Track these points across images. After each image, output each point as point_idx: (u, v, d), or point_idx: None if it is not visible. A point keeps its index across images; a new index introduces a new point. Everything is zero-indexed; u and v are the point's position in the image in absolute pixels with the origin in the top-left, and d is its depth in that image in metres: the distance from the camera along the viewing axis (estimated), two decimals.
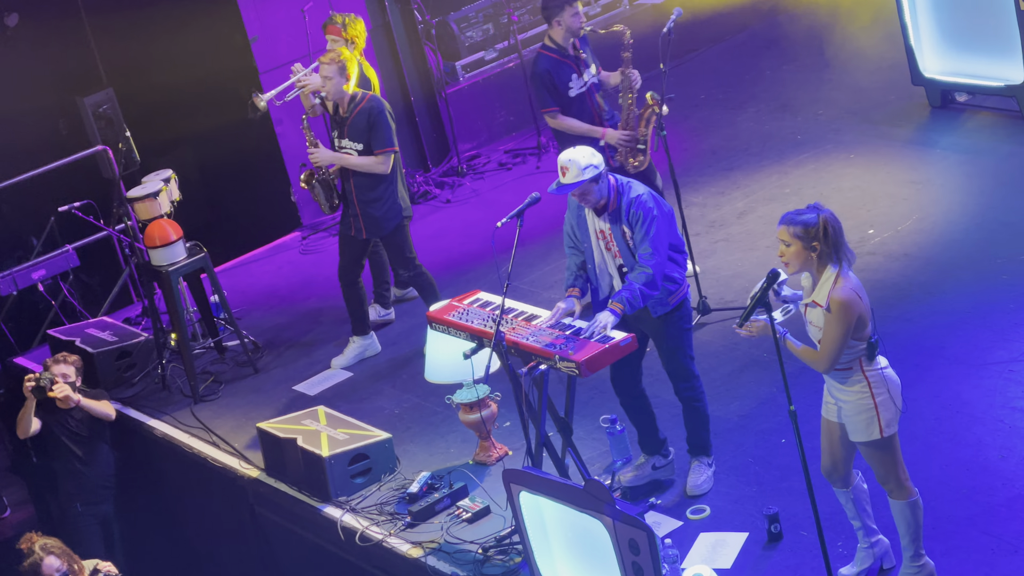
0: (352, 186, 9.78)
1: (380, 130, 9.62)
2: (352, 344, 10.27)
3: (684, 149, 12.34)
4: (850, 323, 6.42)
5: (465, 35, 13.61)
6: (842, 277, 6.47)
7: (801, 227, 6.47)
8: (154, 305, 10.67)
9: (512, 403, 8.04)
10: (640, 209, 7.53)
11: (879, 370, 6.57)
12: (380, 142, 9.64)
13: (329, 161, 9.79)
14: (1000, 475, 7.49)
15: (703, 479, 7.96)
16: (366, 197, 9.75)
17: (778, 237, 6.56)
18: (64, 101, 12.29)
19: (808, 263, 6.53)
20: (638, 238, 7.54)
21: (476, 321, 7.93)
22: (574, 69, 9.66)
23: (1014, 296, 9.03)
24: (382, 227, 9.83)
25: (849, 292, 6.43)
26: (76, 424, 9.81)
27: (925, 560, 6.78)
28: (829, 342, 6.47)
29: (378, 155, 9.65)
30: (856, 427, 6.63)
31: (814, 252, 6.48)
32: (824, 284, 6.50)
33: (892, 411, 6.59)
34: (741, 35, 14.60)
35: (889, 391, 6.58)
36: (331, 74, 9.57)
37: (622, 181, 7.67)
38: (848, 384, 6.59)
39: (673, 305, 7.69)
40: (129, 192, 11.03)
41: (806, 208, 6.54)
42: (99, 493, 9.94)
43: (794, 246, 6.51)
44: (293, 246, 12.83)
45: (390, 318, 10.68)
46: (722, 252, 10.50)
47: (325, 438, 8.74)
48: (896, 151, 11.34)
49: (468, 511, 8.18)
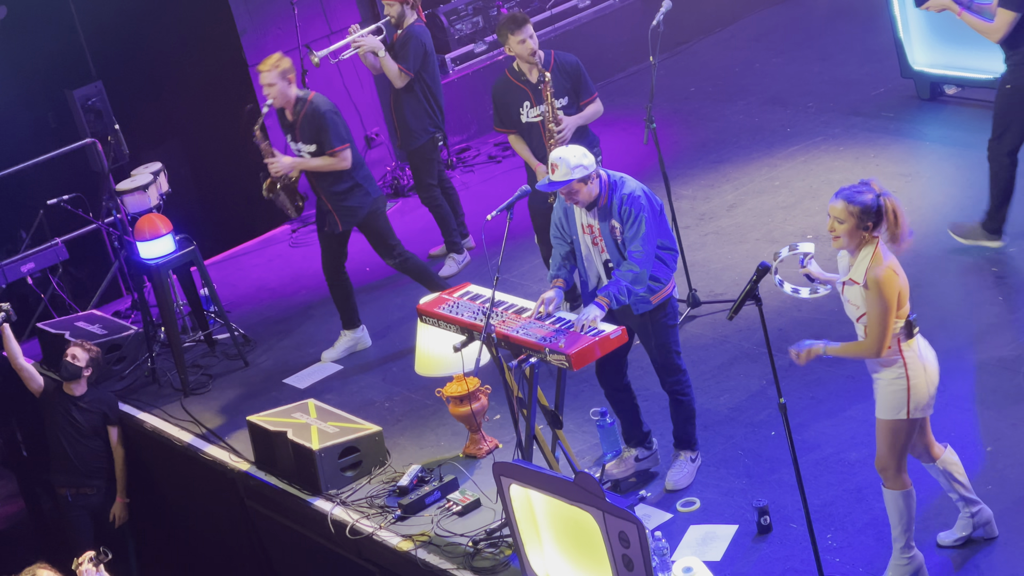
0: (318, 184, 9.80)
1: (327, 132, 9.59)
2: (342, 338, 10.27)
3: (674, 142, 12.34)
4: (891, 300, 6.38)
5: (455, 28, 13.58)
6: (881, 254, 6.45)
7: (860, 206, 6.44)
8: (144, 298, 10.66)
9: (502, 396, 8.06)
10: (633, 206, 7.52)
11: (917, 350, 6.53)
12: (330, 143, 9.61)
13: (289, 168, 9.79)
14: (989, 468, 7.51)
15: (683, 474, 7.97)
16: (334, 191, 9.75)
17: (830, 212, 6.50)
18: (53, 94, 12.26)
19: (857, 242, 6.49)
20: (628, 235, 7.53)
21: (466, 314, 7.94)
22: (528, 97, 9.50)
23: (1003, 289, 9.06)
24: (357, 215, 9.84)
25: (885, 269, 6.40)
26: (79, 413, 9.85)
27: (915, 552, 6.78)
28: (874, 322, 6.43)
29: (335, 154, 9.63)
30: (885, 403, 6.57)
31: (866, 232, 6.46)
32: (862, 262, 6.47)
33: (924, 396, 6.54)
34: (731, 28, 14.61)
35: (926, 373, 6.53)
36: (273, 80, 9.53)
37: (615, 177, 7.65)
38: (884, 363, 6.54)
39: (655, 304, 7.69)
40: (118, 185, 11.01)
41: (861, 185, 6.50)
42: (90, 483, 9.95)
43: (848, 223, 6.46)
44: (283, 239, 12.82)
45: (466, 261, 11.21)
46: (712, 245, 10.50)
47: (315, 431, 8.73)
48: (885, 144, 11.36)
49: (458, 504, 8.18)
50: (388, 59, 10.70)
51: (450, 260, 11.15)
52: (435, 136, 11.00)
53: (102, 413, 9.94)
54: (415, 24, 10.78)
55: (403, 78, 10.72)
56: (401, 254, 10.01)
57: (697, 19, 14.41)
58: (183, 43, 12.73)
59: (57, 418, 9.89)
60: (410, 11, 10.76)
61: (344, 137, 9.66)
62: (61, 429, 9.87)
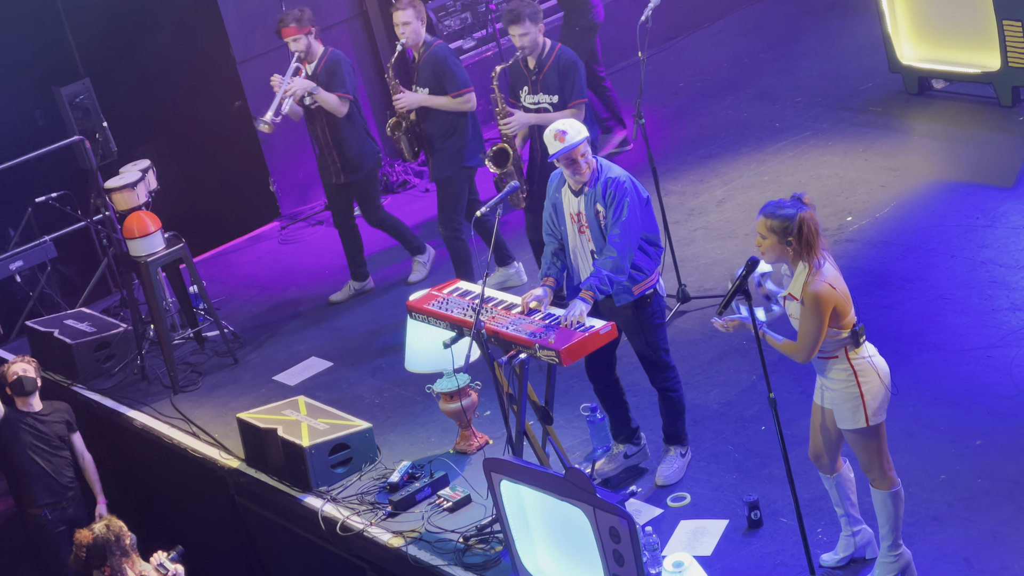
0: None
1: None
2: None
3: (663, 137, 12.35)
4: (823, 316, 6.42)
5: (443, 24, 13.57)
6: (816, 270, 6.46)
7: (778, 221, 6.46)
8: (133, 296, 10.65)
9: (492, 392, 8.06)
10: (616, 189, 7.54)
11: (866, 358, 6.56)
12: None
13: (415, 104, 10.13)
14: (979, 461, 7.52)
15: (673, 469, 7.98)
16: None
17: (756, 228, 6.56)
18: (40, 91, 12.23)
19: (783, 256, 6.53)
20: (610, 219, 7.54)
21: (456, 310, 7.94)
22: (527, 83, 9.61)
23: (991, 282, 9.07)
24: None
25: (821, 285, 6.41)
26: (45, 426, 9.65)
27: (903, 550, 6.79)
28: (804, 335, 6.48)
29: (459, 95, 10.09)
30: (843, 414, 6.63)
31: (789, 247, 6.48)
32: (799, 277, 6.50)
33: (879, 400, 6.58)
34: (719, 23, 14.62)
35: (878, 379, 6.57)
36: (408, 19, 9.98)
37: (601, 162, 7.69)
38: (834, 372, 6.59)
39: (637, 296, 7.69)
40: (107, 182, 10.98)
41: (788, 200, 6.52)
42: (66, 496, 9.76)
43: (770, 239, 6.50)
44: (272, 236, 12.81)
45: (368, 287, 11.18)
46: (701, 240, 10.51)
47: (305, 428, 8.73)
48: (874, 138, 11.37)
49: (449, 500, 8.18)
50: (323, 93, 10.36)
51: (417, 264, 10.98)
52: (379, 156, 10.81)
53: (65, 422, 9.74)
54: (330, 50, 10.50)
55: (345, 103, 10.40)
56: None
57: (685, 14, 14.42)
58: (171, 40, 12.70)
59: (23, 437, 9.55)
60: (315, 41, 10.43)
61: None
62: (31, 447, 9.56)
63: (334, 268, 11.59)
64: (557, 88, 9.43)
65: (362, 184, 10.71)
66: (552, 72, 9.43)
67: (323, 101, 10.38)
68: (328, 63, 10.42)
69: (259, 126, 10.49)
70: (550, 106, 9.46)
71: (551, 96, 9.45)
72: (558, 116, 9.33)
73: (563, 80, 9.42)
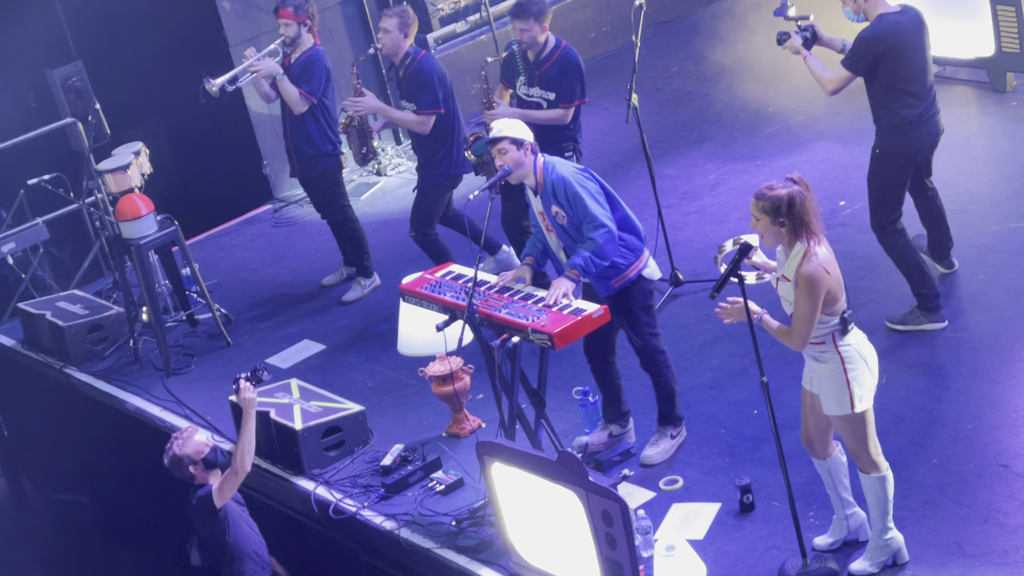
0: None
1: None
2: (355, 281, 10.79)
3: (656, 121, 12.34)
4: (817, 298, 6.43)
5: (436, 7, 13.55)
6: (810, 252, 6.47)
7: (768, 202, 6.47)
8: (125, 278, 10.64)
9: (485, 375, 8.06)
10: (565, 186, 7.58)
11: (853, 345, 6.58)
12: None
13: (370, 110, 10.15)
14: (971, 445, 7.54)
15: (658, 450, 8.00)
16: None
17: (750, 211, 6.57)
18: (33, 73, 12.22)
19: (778, 238, 6.54)
20: (578, 216, 7.56)
21: (449, 294, 7.94)
22: (522, 74, 9.63)
23: (984, 267, 9.08)
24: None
25: (816, 267, 6.42)
26: None
27: (894, 534, 6.81)
28: (799, 318, 6.49)
29: (301, 96, 10.23)
30: (828, 400, 6.65)
31: (782, 227, 6.49)
32: (793, 259, 6.51)
33: (866, 387, 6.59)
34: (713, 7, 14.60)
35: (865, 366, 6.59)
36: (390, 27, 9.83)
37: (549, 162, 7.71)
38: (822, 358, 6.61)
39: (617, 289, 7.72)
40: (99, 165, 10.97)
41: (780, 182, 6.54)
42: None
43: (763, 220, 6.51)
44: (265, 219, 12.80)
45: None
46: (694, 224, 10.52)
47: (298, 411, 8.73)
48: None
49: (441, 483, 8.19)
50: (287, 83, 10.18)
51: (356, 284, 10.78)
52: (340, 157, 10.53)
53: None
54: (316, 48, 10.32)
55: (304, 103, 10.23)
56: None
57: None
58: (164, 22, 12.68)
59: None
60: (307, 34, 10.26)
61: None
62: None
63: (327, 251, 11.58)
64: (556, 86, 9.47)
65: (316, 183, 10.60)
66: (554, 69, 9.48)
67: (284, 91, 10.23)
68: (307, 60, 10.27)
69: (207, 85, 10.43)
70: (545, 102, 9.50)
71: (548, 92, 9.49)
72: (543, 114, 9.41)
73: (563, 79, 9.45)
